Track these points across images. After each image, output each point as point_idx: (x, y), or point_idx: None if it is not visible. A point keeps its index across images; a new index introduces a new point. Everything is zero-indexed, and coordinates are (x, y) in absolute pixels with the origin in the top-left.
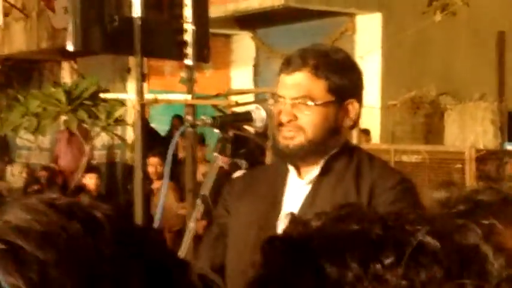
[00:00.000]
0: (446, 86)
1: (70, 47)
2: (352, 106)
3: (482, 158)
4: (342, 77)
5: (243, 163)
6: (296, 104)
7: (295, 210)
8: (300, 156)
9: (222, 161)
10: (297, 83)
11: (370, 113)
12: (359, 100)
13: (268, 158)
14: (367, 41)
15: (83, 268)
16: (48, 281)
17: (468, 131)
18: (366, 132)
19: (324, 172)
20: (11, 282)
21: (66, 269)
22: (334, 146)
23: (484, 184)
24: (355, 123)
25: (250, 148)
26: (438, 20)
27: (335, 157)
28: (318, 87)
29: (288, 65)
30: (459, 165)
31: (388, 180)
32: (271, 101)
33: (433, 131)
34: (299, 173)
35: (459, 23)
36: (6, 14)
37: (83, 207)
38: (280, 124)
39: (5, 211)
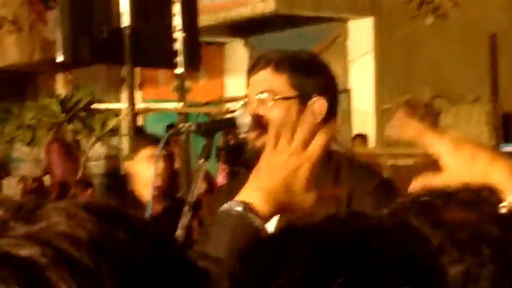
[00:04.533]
0: (440, 89)
1: (60, 58)
2: (319, 103)
3: None
4: (305, 73)
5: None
6: (261, 103)
7: (275, 219)
8: None
9: (206, 167)
10: (260, 79)
11: (365, 118)
12: (329, 99)
13: None
14: (359, 46)
15: (135, 277)
16: None
17: (463, 134)
18: (362, 138)
19: None
20: None
21: (119, 280)
22: None
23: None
24: (329, 121)
25: (248, 155)
26: (429, 23)
27: None
28: (280, 82)
29: (254, 66)
30: None
31: (366, 185)
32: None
33: None
34: None
35: (450, 25)
36: None
37: (119, 212)
38: None
39: (42, 217)
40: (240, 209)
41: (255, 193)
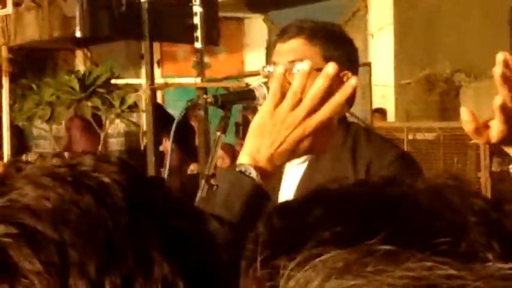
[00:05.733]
0: (460, 63)
1: (78, 33)
2: (347, 78)
3: None
4: (337, 47)
5: None
6: (290, 71)
7: (292, 191)
8: None
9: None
10: (292, 48)
11: (384, 92)
12: (354, 74)
13: None
14: (379, 19)
15: (102, 244)
16: (68, 262)
17: (484, 108)
18: (381, 112)
19: None
20: (30, 268)
21: (84, 248)
22: None
23: (497, 159)
24: (352, 97)
25: None
26: None
27: None
28: (313, 53)
29: (284, 33)
30: (474, 141)
31: (385, 156)
32: (263, 71)
33: (448, 109)
34: None
35: None
36: (17, 4)
37: (89, 173)
38: None
39: (10, 188)
40: (249, 172)
41: (255, 156)
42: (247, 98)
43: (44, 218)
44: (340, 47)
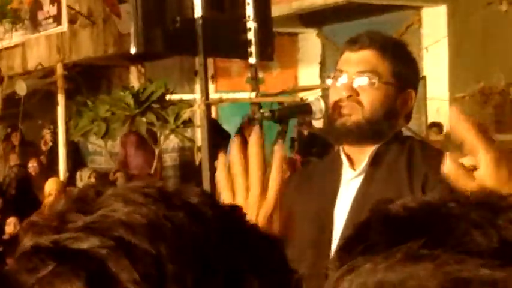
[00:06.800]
0: None
1: (133, 49)
2: (410, 95)
3: None
4: (405, 64)
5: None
6: (361, 81)
7: (349, 204)
8: (356, 135)
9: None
10: (364, 59)
11: (439, 106)
12: (416, 92)
13: None
14: (433, 33)
15: (197, 258)
16: (166, 275)
17: None
18: (438, 126)
19: (375, 162)
20: (129, 278)
21: (181, 262)
22: (388, 133)
23: None
24: (410, 114)
25: (322, 146)
26: (504, 10)
27: (386, 146)
28: (384, 67)
29: (355, 43)
30: None
31: (441, 169)
32: (329, 80)
33: (503, 122)
34: (351, 163)
35: None
36: (73, 22)
37: (177, 193)
38: (338, 101)
39: (99, 206)
40: None
41: None
42: (303, 112)
43: (139, 232)
44: (408, 64)
